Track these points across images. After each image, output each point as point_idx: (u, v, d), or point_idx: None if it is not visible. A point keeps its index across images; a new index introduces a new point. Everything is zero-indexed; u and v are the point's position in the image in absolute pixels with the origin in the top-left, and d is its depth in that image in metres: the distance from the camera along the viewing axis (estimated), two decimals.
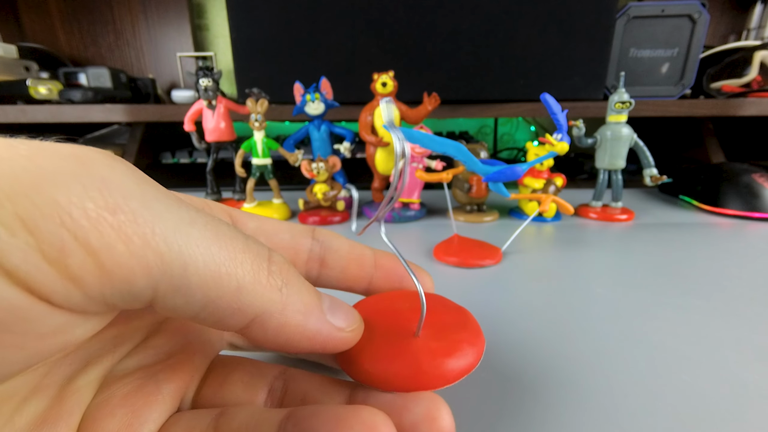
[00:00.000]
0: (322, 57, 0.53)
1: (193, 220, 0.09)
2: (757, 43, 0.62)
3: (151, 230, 0.08)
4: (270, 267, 0.10)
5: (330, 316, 0.11)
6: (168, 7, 0.81)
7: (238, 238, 0.10)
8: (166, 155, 0.68)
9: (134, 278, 0.08)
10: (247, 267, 0.09)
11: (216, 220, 0.10)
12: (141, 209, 0.08)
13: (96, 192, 0.08)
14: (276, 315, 0.10)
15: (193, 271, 0.08)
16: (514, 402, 0.16)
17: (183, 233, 0.08)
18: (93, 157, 0.08)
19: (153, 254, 0.08)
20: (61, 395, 0.10)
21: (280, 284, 0.10)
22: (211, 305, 0.09)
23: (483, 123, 0.85)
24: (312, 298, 0.11)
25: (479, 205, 0.42)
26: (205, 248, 0.09)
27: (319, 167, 0.40)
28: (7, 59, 0.63)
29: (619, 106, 0.39)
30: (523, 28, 0.51)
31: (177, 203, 0.09)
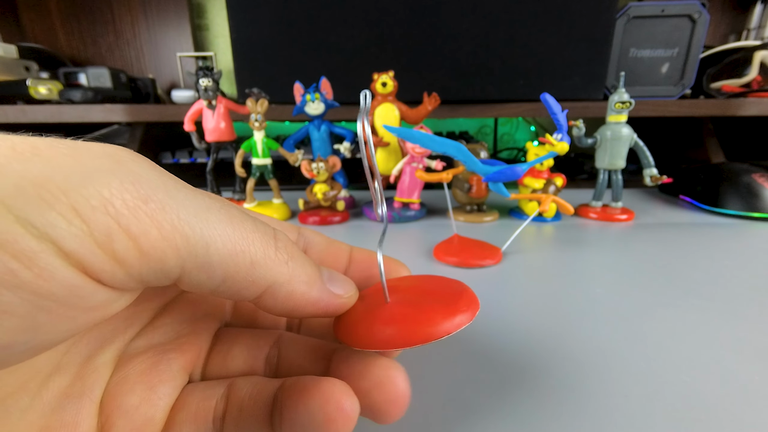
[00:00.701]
0: (322, 57, 0.53)
1: (209, 206, 0.10)
2: (757, 43, 0.62)
3: (177, 216, 0.09)
4: (277, 244, 0.11)
5: (330, 285, 0.13)
6: (168, 7, 0.81)
7: (247, 220, 0.11)
8: (166, 155, 0.68)
9: (166, 258, 0.09)
10: (257, 244, 0.11)
11: (228, 205, 0.11)
12: (167, 199, 0.09)
13: (131, 185, 0.09)
14: (285, 285, 0.11)
15: (214, 250, 0.10)
16: (514, 402, 0.16)
17: (203, 218, 0.10)
18: (123, 155, 0.10)
19: (180, 237, 0.09)
20: (81, 373, 0.12)
21: (286, 258, 0.11)
22: (230, 280, 0.10)
23: (483, 123, 0.85)
24: (314, 270, 0.12)
25: (479, 205, 0.42)
26: (222, 230, 0.10)
27: (319, 167, 0.40)
28: (7, 59, 0.63)
29: (619, 106, 0.39)
30: (523, 28, 0.51)
31: (194, 192, 0.10)
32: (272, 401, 0.12)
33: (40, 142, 0.09)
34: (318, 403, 0.11)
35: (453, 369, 0.18)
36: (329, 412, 0.11)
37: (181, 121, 0.44)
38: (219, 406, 0.13)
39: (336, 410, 0.11)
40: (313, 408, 0.11)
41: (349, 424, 0.11)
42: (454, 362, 0.18)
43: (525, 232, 0.37)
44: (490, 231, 0.38)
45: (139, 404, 0.12)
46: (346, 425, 0.11)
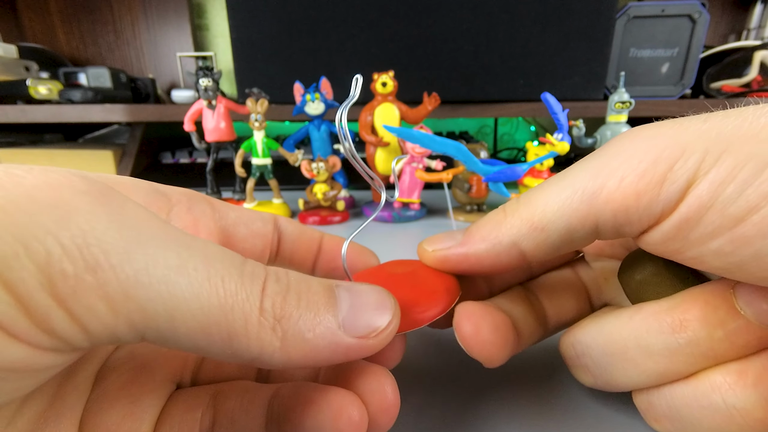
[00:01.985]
0: (322, 57, 0.53)
1: (182, 265, 0.08)
2: (757, 43, 0.62)
3: (133, 286, 0.08)
4: (263, 304, 0.09)
5: (348, 329, 0.10)
6: (168, 7, 0.81)
7: (232, 275, 0.09)
8: (166, 155, 0.68)
9: (117, 331, 0.08)
10: (237, 311, 0.09)
11: (211, 257, 0.09)
12: (122, 264, 0.08)
13: (75, 249, 0.07)
14: (276, 353, 0.09)
15: (181, 323, 0.08)
16: (513, 401, 0.16)
17: (171, 283, 0.08)
18: (73, 202, 0.08)
19: (135, 309, 0.08)
20: (60, 393, 0.11)
21: (273, 322, 0.09)
22: (202, 351, 0.09)
23: (483, 123, 0.85)
24: (319, 320, 0.10)
25: (479, 205, 0.42)
26: (194, 298, 0.08)
27: (319, 167, 0.40)
28: (7, 59, 0.63)
29: (619, 106, 0.39)
30: (523, 28, 0.51)
31: (164, 247, 0.09)
32: (266, 411, 0.12)
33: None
34: (329, 416, 0.10)
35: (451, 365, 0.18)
36: (341, 426, 0.10)
37: (181, 121, 0.44)
38: (205, 418, 0.12)
39: (348, 424, 0.10)
40: (323, 421, 0.10)
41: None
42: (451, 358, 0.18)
43: None
44: None
45: (121, 420, 0.11)
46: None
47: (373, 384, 0.11)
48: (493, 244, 0.13)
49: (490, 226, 0.13)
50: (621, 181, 0.11)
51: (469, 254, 0.14)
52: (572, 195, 0.12)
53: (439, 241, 0.14)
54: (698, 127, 0.11)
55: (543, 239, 0.12)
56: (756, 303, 0.11)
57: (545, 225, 0.12)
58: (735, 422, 0.11)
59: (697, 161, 0.10)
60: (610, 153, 0.12)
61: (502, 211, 0.14)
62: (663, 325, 0.12)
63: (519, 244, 0.13)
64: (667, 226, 0.11)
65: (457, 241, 0.14)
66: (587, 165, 0.12)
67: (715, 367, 0.12)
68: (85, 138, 0.81)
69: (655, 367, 0.12)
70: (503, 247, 0.13)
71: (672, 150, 0.11)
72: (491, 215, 0.14)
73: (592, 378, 0.14)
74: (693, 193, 0.10)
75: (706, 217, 0.10)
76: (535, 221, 0.12)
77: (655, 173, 0.11)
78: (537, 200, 0.13)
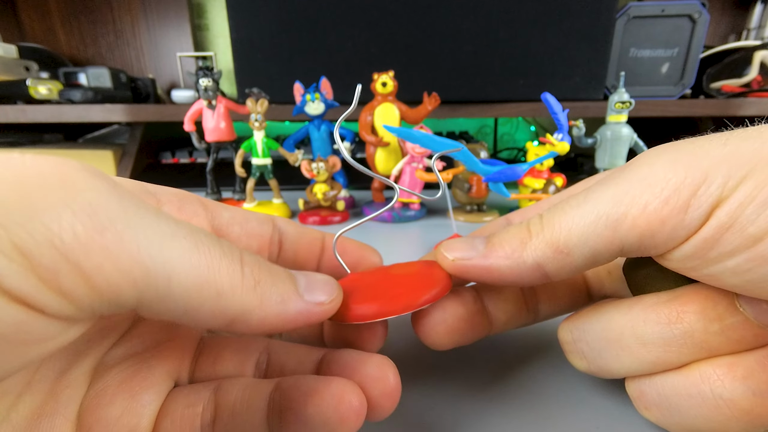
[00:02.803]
0: (322, 57, 0.53)
1: (174, 233, 0.10)
2: (757, 43, 0.62)
3: (136, 246, 0.09)
4: (243, 269, 0.11)
5: (308, 295, 0.12)
6: (168, 7, 0.81)
7: (215, 246, 0.10)
8: (166, 155, 0.68)
9: (121, 291, 0.09)
10: (224, 273, 0.10)
11: (195, 230, 0.10)
12: (126, 228, 0.09)
13: (85, 216, 0.08)
14: (256, 311, 0.11)
15: (176, 282, 0.09)
16: (513, 401, 0.16)
17: (166, 247, 0.09)
18: (78, 179, 0.09)
19: (139, 269, 0.09)
20: (54, 390, 0.11)
21: (254, 283, 0.11)
22: (193, 311, 0.10)
23: (483, 123, 0.85)
24: (287, 286, 0.11)
25: (479, 205, 0.42)
26: (187, 259, 0.09)
27: (319, 167, 0.40)
28: (7, 59, 0.63)
29: (619, 106, 0.39)
30: (523, 28, 0.51)
31: (157, 218, 0.10)
32: (267, 404, 0.12)
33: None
34: (330, 404, 0.11)
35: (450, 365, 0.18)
36: (342, 411, 0.11)
37: (181, 121, 0.44)
38: (206, 412, 0.12)
39: (349, 409, 0.11)
40: (325, 408, 0.11)
41: (360, 421, 0.11)
42: (450, 363, 0.18)
43: None
44: None
45: (120, 414, 0.11)
46: (358, 422, 0.11)
47: (375, 371, 0.12)
48: (517, 263, 0.13)
49: (514, 243, 0.13)
50: (645, 207, 0.11)
51: (492, 269, 0.14)
52: (596, 221, 0.12)
53: (460, 249, 0.14)
54: (719, 151, 0.11)
55: (568, 262, 0.13)
56: (755, 302, 0.11)
57: (570, 249, 0.12)
58: (721, 412, 0.12)
59: (720, 186, 0.10)
60: (630, 178, 0.12)
61: (527, 230, 0.14)
62: (660, 316, 0.12)
63: (543, 266, 0.13)
64: (687, 247, 0.11)
65: (479, 252, 0.14)
66: (608, 190, 0.12)
67: (708, 359, 0.12)
68: (85, 138, 0.81)
69: (648, 356, 0.13)
70: (527, 267, 0.13)
71: (694, 176, 0.11)
72: (515, 231, 0.14)
73: (587, 363, 0.14)
74: (715, 215, 0.11)
75: (725, 238, 0.10)
76: (561, 246, 0.12)
77: (679, 200, 0.11)
78: (561, 223, 0.13)
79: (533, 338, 0.20)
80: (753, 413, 0.11)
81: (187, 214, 0.15)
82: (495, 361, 0.18)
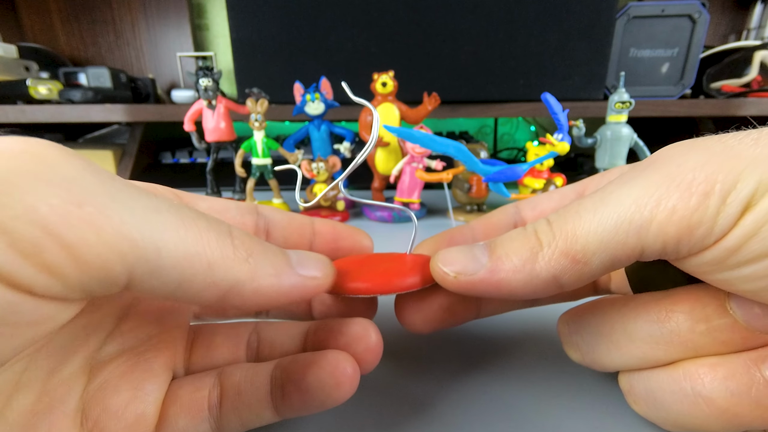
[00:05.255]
0: (322, 57, 0.53)
1: (158, 207, 0.09)
2: (757, 43, 0.62)
3: (120, 219, 0.08)
4: (233, 242, 0.11)
5: (301, 269, 0.12)
6: (168, 7, 0.81)
7: (200, 218, 0.10)
8: (166, 155, 0.68)
9: (110, 265, 0.08)
10: (213, 244, 0.10)
11: (177, 205, 0.10)
12: (108, 201, 0.08)
13: (60, 189, 0.08)
14: (248, 282, 0.11)
15: (166, 254, 0.09)
16: (512, 403, 0.16)
17: (152, 220, 0.09)
18: (52, 155, 0.09)
19: (126, 241, 0.08)
20: (46, 388, 0.11)
21: (245, 255, 0.11)
22: (186, 283, 0.10)
23: (483, 123, 0.85)
24: (279, 259, 0.12)
25: (479, 205, 0.42)
26: (174, 232, 0.09)
27: (319, 167, 0.40)
28: (7, 59, 0.63)
29: (619, 106, 0.39)
30: (523, 28, 0.51)
31: (139, 193, 0.09)
32: (269, 381, 0.13)
33: None
34: (327, 371, 0.12)
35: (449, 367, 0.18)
36: (338, 377, 0.12)
37: (181, 121, 0.44)
38: (213, 395, 0.13)
39: (344, 375, 0.12)
40: (323, 376, 0.12)
41: (354, 386, 0.12)
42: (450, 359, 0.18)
43: None
44: None
45: (127, 403, 0.12)
46: (352, 388, 0.12)
47: (359, 330, 0.14)
48: (530, 276, 0.12)
49: (523, 254, 0.12)
50: (673, 213, 0.10)
51: (501, 285, 0.13)
52: (617, 227, 0.11)
53: (460, 262, 0.13)
54: (751, 152, 0.10)
55: (585, 271, 0.12)
56: (747, 305, 0.11)
57: (588, 258, 0.11)
58: (700, 409, 0.12)
59: (750, 193, 0.10)
60: (655, 178, 0.11)
61: (535, 237, 0.12)
62: (650, 314, 0.13)
63: (559, 277, 0.12)
64: (709, 254, 0.11)
65: (483, 266, 0.13)
66: (630, 191, 0.11)
67: (693, 358, 0.12)
68: (85, 138, 0.81)
69: (636, 352, 0.13)
70: (540, 280, 0.12)
71: (725, 181, 0.10)
72: (523, 240, 0.13)
73: (581, 355, 0.15)
74: (741, 223, 0.10)
75: (747, 245, 0.10)
76: (577, 256, 0.12)
77: (710, 207, 0.10)
78: (576, 230, 0.12)
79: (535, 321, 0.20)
80: (730, 412, 0.11)
81: None
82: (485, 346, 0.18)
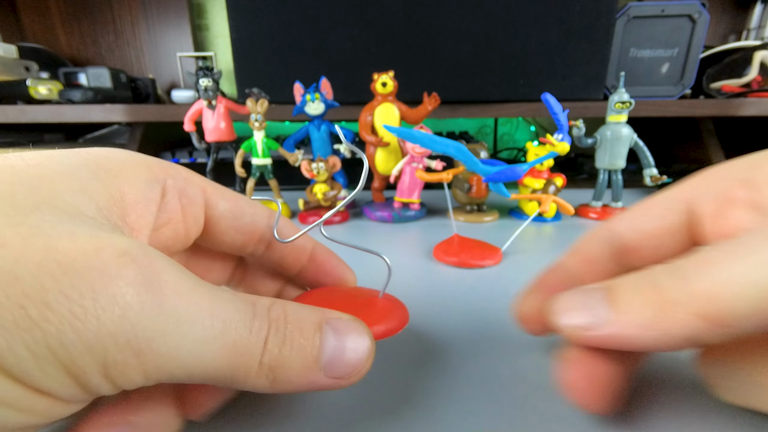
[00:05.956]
0: (322, 57, 0.53)
1: (206, 336, 0.10)
2: (757, 43, 0.62)
3: (167, 362, 0.09)
4: (263, 359, 0.11)
5: (327, 372, 0.12)
6: (168, 7, 0.81)
7: (242, 335, 0.11)
8: (166, 155, 0.67)
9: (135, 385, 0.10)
10: (242, 367, 0.11)
11: (228, 321, 0.11)
12: (161, 347, 0.09)
13: (126, 343, 0.09)
14: (265, 390, 0.11)
15: (197, 377, 0.10)
16: (511, 403, 0.16)
17: (196, 355, 0.10)
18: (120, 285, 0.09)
19: (165, 375, 0.10)
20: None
21: (268, 372, 0.11)
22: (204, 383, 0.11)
23: (483, 123, 0.85)
24: (306, 365, 0.11)
25: (479, 205, 0.42)
26: (211, 363, 0.10)
27: (319, 167, 0.40)
28: (7, 59, 0.63)
29: (619, 106, 0.39)
30: (523, 28, 0.51)
31: (194, 319, 0.10)
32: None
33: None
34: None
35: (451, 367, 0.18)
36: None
37: (181, 121, 0.44)
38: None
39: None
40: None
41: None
42: (452, 360, 0.18)
43: (525, 232, 0.37)
44: (490, 231, 0.38)
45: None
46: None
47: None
48: (662, 335, 0.11)
49: (650, 311, 0.11)
50: None
51: (631, 342, 0.11)
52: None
53: (577, 315, 0.12)
54: None
55: (729, 334, 0.10)
56: None
57: (734, 323, 0.09)
58: None
59: None
60: None
61: (663, 292, 0.11)
62: None
63: (697, 339, 0.10)
64: None
65: (604, 319, 0.11)
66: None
67: None
68: (85, 138, 0.81)
69: None
70: (675, 342, 0.11)
71: None
72: (649, 293, 0.11)
73: (741, 400, 0.12)
74: None
75: None
76: (719, 320, 0.10)
77: None
78: (715, 287, 0.10)
79: None
80: None
81: (187, 197, 0.15)
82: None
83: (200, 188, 0.16)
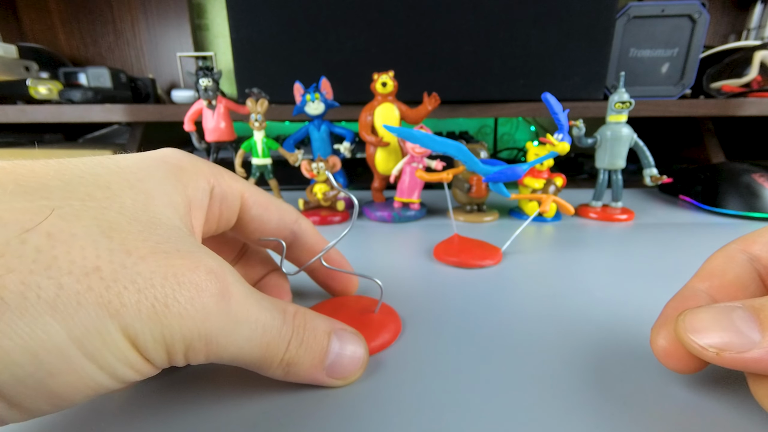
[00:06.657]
0: (322, 57, 0.53)
1: (253, 337, 0.13)
2: (757, 43, 0.62)
3: (226, 353, 0.13)
4: (283, 356, 0.14)
5: (329, 371, 0.15)
6: (168, 7, 0.81)
7: (275, 339, 0.14)
8: None
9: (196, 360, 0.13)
10: (268, 361, 0.14)
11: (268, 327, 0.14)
12: (228, 345, 0.13)
13: (204, 338, 0.12)
14: (279, 378, 0.15)
15: (239, 361, 0.13)
16: (511, 404, 0.16)
17: (244, 351, 0.13)
18: (209, 312, 0.12)
19: (217, 360, 0.13)
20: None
21: (285, 366, 0.14)
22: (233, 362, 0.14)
23: (483, 123, 0.85)
24: (314, 364, 0.15)
25: (479, 205, 0.42)
26: (250, 355, 0.13)
27: (319, 167, 0.40)
28: (7, 59, 0.63)
29: (619, 106, 0.39)
30: (523, 28, 0.51)
31: (246, 326, 0.13)
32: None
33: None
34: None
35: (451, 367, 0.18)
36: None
37: (181, 121, 0.44)
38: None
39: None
40: None
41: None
42: (451, 360, 0.18)
43: (525, 232, 0.37)
44: (490, 231, 0.38)
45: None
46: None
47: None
48: None
49: None
50: None
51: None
52: None
53: (717, 335, 0.12)
54: None
55: None
56: None
57: None
58: None
59: None
60: None
61: None
62: None
63: None
64: None
65: (752, 342, 0.11)
66: None
67: None
68: (85, 138, 0.81)
69: None
70: None
71: None
72: None
73: None
74: None
75: None
76: None
77: None
78: None
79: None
80: None
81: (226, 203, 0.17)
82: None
83: (239, 194, 0.18)
